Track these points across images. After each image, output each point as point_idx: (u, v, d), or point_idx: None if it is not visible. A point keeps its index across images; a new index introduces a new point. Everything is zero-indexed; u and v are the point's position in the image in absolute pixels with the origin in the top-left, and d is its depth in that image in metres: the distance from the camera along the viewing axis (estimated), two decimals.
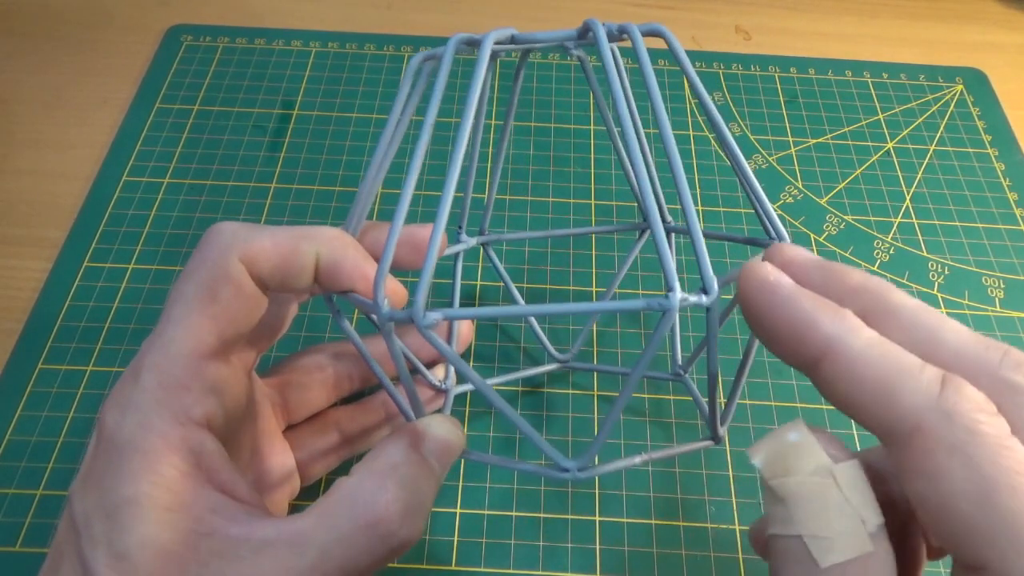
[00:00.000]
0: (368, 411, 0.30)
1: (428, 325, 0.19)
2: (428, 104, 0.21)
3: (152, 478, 0.20)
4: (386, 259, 0.21)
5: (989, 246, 0.39)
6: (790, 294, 0.18)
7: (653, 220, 0.19)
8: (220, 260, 0.22)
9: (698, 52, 0.48)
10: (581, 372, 0.34)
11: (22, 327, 0.35)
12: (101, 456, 0.21)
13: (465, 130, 0.20)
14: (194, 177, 0.41)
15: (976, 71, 0.48)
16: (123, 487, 0.20)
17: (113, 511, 0.20)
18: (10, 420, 0.32)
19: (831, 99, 0.46)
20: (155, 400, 0.21)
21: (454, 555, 0.29)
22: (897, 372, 0.16)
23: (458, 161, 0.20)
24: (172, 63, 0.46)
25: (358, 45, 0.47)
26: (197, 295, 0.22)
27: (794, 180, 0.42)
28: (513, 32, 0.22)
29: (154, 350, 0.22)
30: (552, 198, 0.40)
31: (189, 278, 0.23)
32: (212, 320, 0.22)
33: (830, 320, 0.18)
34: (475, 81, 0.20)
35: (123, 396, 0.22)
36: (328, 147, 0.42)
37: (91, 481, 0.21)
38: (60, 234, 0.38)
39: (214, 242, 0.23)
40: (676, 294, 0.18)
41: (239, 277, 0.22)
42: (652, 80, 0.20)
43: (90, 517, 0.20)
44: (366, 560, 0.21)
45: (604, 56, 0.21)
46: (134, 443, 0.21)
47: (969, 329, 0.18)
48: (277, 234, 0.23)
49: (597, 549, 0.30)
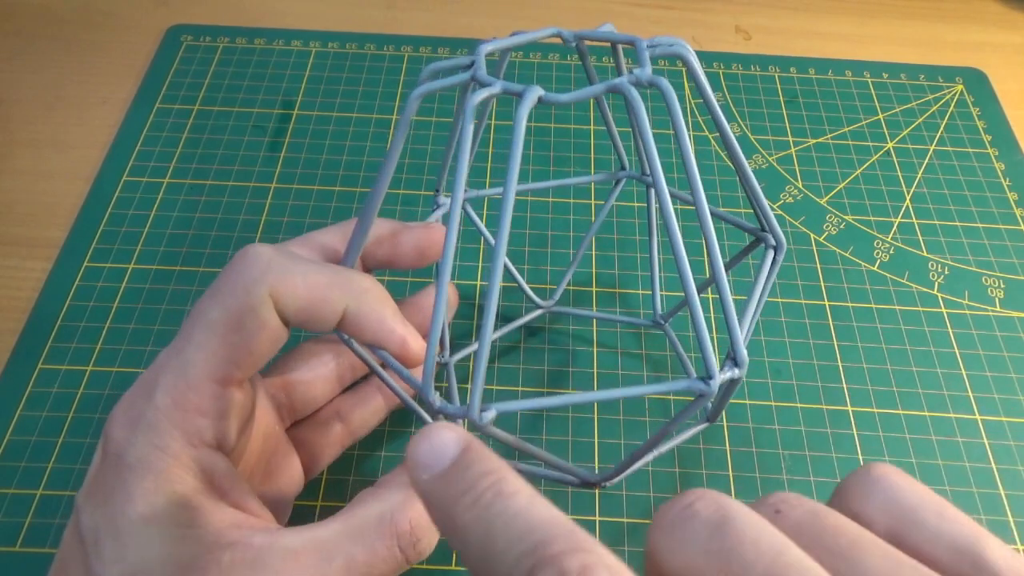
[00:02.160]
0: (367, 397, 0.30)
1: (484, 424, 0.20)
2: (461, 140, 0.21)
3: (166, 497, 0.20)
4: (431, 348, 0.21)
5: (989, 246, 0.39)
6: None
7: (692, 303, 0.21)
8: (251, 290, 0.22)
9: (698, 52, 0.48)
10: (581, 374, 0.34)
11: (22, 327, 0.35)
12: (110, 472, 0.21)
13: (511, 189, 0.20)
14: (194, 177, 0.41)
15: (976, 71, 0.48)
16: (136, 506, 0.20)
17: (126, 530, 0.20)
18: (10, 420, 0.32)
19: (831, 99, 0.46)
20: (170, 421, 0.21)
21: (454, 555, 0.29)
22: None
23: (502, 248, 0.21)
24: (172, 63, 0.46)
25: (358, 45, 0.47)
26: (222, 321, 0.22)
27: (794, 180, 0.42)
28: (541, 94, 0.22)
29: (171, 370, 0.22)
30: (552, 198, 0.40)
31: (216, 302, 0.22)
32: (234, 349, 0.22)
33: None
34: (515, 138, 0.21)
35: (135, 411, 0.22)
36: (328, 147, 0.42)
37: (99, 496, 0.21)
38: (60, 234, 0.38)
39: (247, 269, 0.23)
40: (716, 381, 0.20)
41: (266, 315, 0.22)
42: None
43: (100, 534, 0.20)
44: (387, 568, 0.21)
45: (639, 114, 0.21)
46: (146, 462, 0.21)
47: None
48: (310, 275, 0.23)
49: None
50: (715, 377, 0.20)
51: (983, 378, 0.34)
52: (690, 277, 0.20)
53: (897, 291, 0.37)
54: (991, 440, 0.32)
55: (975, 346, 0.35)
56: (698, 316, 0.20)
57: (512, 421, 0.33)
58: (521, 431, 0.33)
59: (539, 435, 0.32)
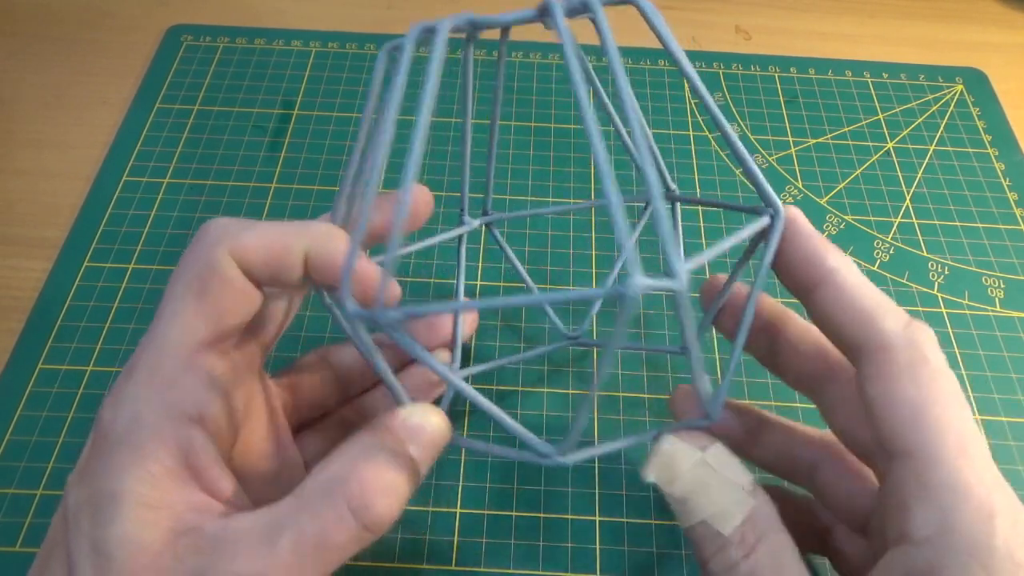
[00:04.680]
0: (374, 401, 0.30)
1: (388, 323, 0.19)
2: (389, 97, 0.21)
3: (137, 473, 0.20)
4: (354, 246, 0.20)
5: (989, 246, 0.39)
6: (808, 232, 0.23)
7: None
8: (208, 255, 0.22)
9: (698, 52, 0.48)
10: (580, 375, 0.34)
11: (22, 327, 0.35)
12: (95, 450, 0.21)
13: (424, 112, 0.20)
14: (194, 177, 0.41)
15: (976, 71, 0.48)
16: (110, 481, 0.20)
17: (99, 505, 0.20)
18: (10, 420, 0.32)
19: (831, 99, 0.46)
20: (146, 394, 0.21)
21: (454, 555, 0.29)
22: (878, 304, 0.22)
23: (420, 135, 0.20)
24: (172, 63, 0.46)
25: (358, 45, 0.47)
26: (187, 291, 0.22)
27: (794, 180, 0.42)
28: (471, 16, 0.22)
29: (146, 346, 0.22)
30: (552, 198, 0.40)
31: (179, 276, 0.23)
32: (202, 315, 0.22)
33: (833, 257, 0.22)
34: (432, 62, 0.20)
35: (119, 391, 0.22)
36: (328, 147, 0.42)
37: (84, 474, 0.21)
38: (60, 234, 0.38)
39: (203, 239, 0.23)
40: (637, 280, 0.17)
41: (227, 271, 0.22)
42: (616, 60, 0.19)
43: (79, 510, 0.20)
44: (342, 537, 0.20)
45: (564, 35, 0.20)
46: (125, 437, 0.21)
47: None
48: (266, 229, 0.23)
49: (597, 549, 0.30)
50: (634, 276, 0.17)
51: (983, 378, 0.34)
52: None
53: (897, 291, 0.37)
54: (991, 440, 0.32)
55: (975, 346, 0.36)
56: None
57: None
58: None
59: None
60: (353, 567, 0.29)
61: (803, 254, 0.23)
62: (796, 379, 0.26)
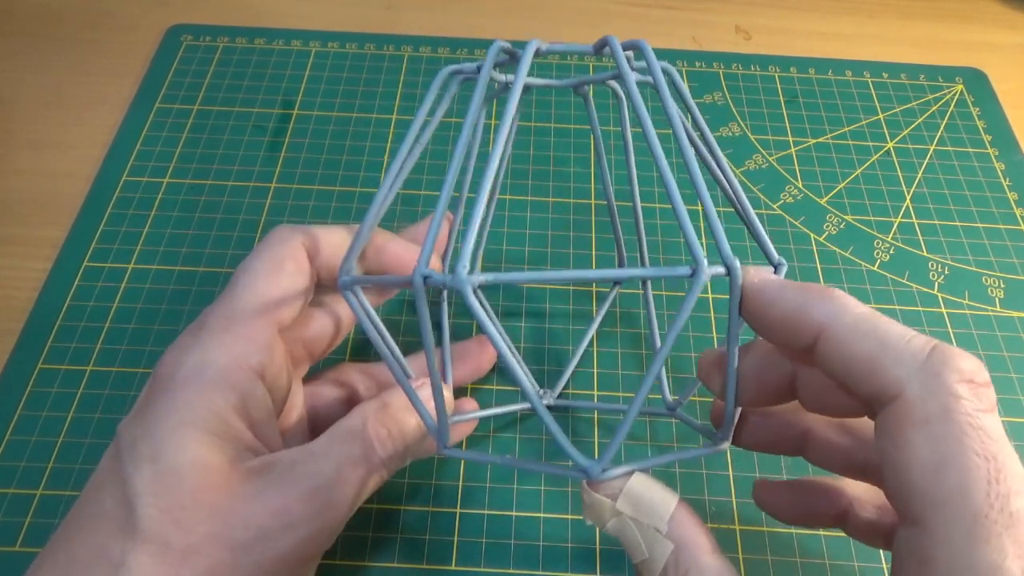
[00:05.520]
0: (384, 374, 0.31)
1: (472, 285, 0.19)
2: (464, 123, 0.22)
3: (208, 406, 0.22)
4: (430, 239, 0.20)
5: (989, 246, 0.39)
6: (779, 289, 0.20)
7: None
8: (287, 240, 0.26)
9: (698, 52, 0.48)
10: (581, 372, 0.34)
11: (22, 327, 0.35)
12: (156, 392, 0.23)
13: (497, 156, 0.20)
14: (194, 177, 0.41)
15: (976, 71, 0.48)
16: (176, 413, 0.22)
17: (165, 434, 0.22)
18: (10, 420, 0.32)
19: (831, 99, 0.46)
20: (220, 341, 0.24)
21: (454, 555, 0.29)
22: (882, 346, 0.18)
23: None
24: (172, 63, 0.46)
25: (358, 45, 0.47)
26: (264, 267, 0.25)
27: (794, 180, 0.42)
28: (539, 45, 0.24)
29: (222, 305, 0.25)
30: (552, 198, 0.40)
31: (256, 256, 0.26)
32: (277, 287, 0.25)
33: (819, 304, 0.19)
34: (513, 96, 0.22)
35: (184, 343, 0.24)
36: (328, 147, 0.42)
37: (141, 415, 0.23)
38: (60, 234, 0.38)
39: (279, 232, 0.27)
40: (704, 269, 0.18)
41: (301, 257, 0.26)
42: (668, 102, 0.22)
43: (137, 441, 0.22)
44: (355, 474, 0.24)
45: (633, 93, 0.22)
46: (192, 377, 0.23)
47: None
48: (334, 228, 0.27)
49: (597, 549, 0.30)
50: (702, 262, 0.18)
51: None
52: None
53: (897, 291, 0.37)
54: None
55: (975, 346, 0.35)
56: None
57: (512, 424, 0.33)
58: (521, 429, 0.33)
59: (539, 435, 0.32)
60: (354, 567, 0.29)
61: (780, 314, 0.19)
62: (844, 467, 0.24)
